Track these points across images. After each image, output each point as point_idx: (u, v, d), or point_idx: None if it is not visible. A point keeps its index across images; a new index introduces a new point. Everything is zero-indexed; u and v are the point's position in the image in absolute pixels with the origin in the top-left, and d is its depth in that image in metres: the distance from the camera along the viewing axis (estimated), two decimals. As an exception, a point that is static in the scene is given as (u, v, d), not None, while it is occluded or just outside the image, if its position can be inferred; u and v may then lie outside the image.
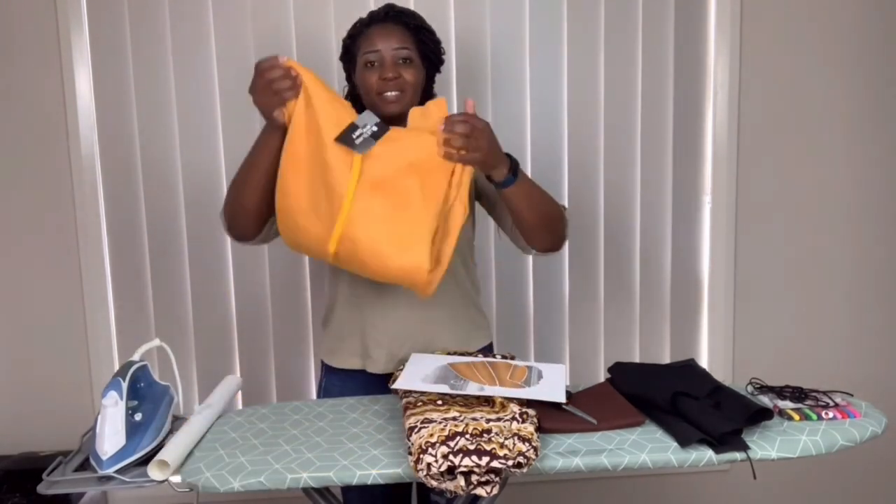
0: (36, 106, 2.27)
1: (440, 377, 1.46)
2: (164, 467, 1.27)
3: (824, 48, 2.43)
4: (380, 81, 1.58)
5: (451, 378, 1.45)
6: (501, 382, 1.44)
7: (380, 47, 1.58)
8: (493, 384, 1.43)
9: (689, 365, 1.57)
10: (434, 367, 1.51)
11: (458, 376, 1.46)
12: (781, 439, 1.31)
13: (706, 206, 2.48)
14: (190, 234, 2.35)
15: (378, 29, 1.61)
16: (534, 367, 1.55)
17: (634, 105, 2.41)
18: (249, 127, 2.30)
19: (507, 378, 1.47)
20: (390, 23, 1.62)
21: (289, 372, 2.41)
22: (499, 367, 1.53)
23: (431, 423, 1.25)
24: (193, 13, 2.27)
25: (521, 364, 1.56)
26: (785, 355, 2.52)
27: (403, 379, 1.45)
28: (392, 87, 1.58)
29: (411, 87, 1.61)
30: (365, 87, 1.61)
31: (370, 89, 1.60)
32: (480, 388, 1.40)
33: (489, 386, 1.41)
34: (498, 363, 1.55)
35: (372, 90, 1.60)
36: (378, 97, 1.59)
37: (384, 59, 1.59)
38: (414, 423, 1.27)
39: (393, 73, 1.58)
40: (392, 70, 1.58)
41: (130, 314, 2.37)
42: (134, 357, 1.42)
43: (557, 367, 1.56)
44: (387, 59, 1.59)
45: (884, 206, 2.52)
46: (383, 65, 1.59)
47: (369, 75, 1.59)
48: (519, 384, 1.44)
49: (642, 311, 2.50)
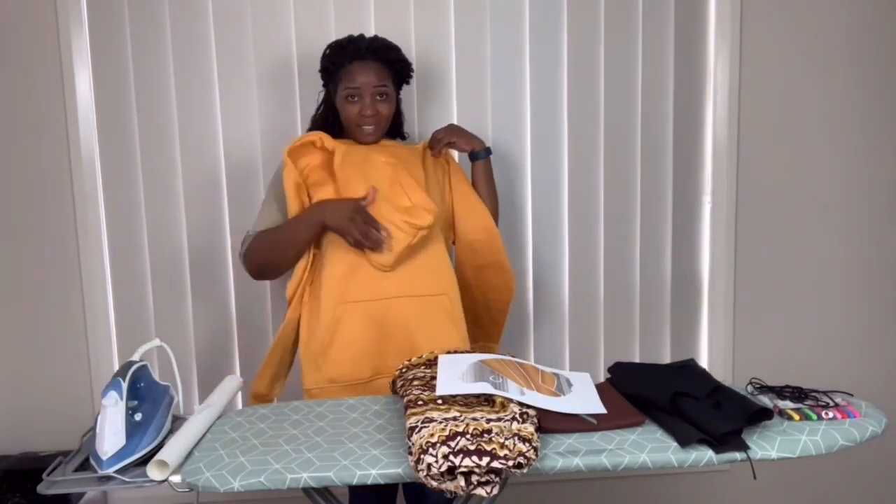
0: (36, 106, 2.27)
1: (478, 375, 1.44)
2: (163, 467, 1.27)
3: (824, 48, 2.43)
4: (359, 116, 1.83)
5: (488, 375, 1.44)
6: (537, 387, 1.44)
7: (359, 84, 1.81)
8: (530, 387, 1.42)
9: (689, 365, 1.57)
10: (467, 366, 1.49)
11: (496, 373, 1.45)
12: (781, 439, 1.31)
13: (706, 206, 2.48)
14: (190, 235, 2.35)
15: (359, 66, 1.81)
16: (559, 374, 1.54)
17: (634, 105, 2.41)
18: (249, 127, 2.32)
19: (541, 383, 1.46)
20: (371, 61, 1.82)
21: (289, 372, 2.41)
22: (528, 369, 1.52)
23: (432, 423, 1.25)
24: (193, 13, 2.27)
25: (547, 370, 1.54)
26: (785, 355, 2.52)
27: (444, 384, 1.41)
28: (370, 121, 1.83)
29: (386, 119, 1.86)
30: (345, 115, 1.85)
31: (350, 119, 1.84)
32: (521, 391, 1.39)
33: (528, 390, 1.40)
34: (526, 364, 1.54)
35: (351, 121, 1.84)
36: (357, 128, 1.84)
37: (363, 95, 1.81)
38: (415, 423, 1.27)
39: (371, 111, 1.82)
40: (371, 107, 1.81)
41: (130, 314, 2.37)
42: (134, 357, 1.42)
43: (583, 376, 1.54)
44: (366, 97, 1.81)
45: (884, 206, 2.52)
46: (362, 99, 1.82)
47: (350, 107, 1.83)
48: (553, 391, 1.43)
49: (642, 311, 2.50)
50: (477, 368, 1.47)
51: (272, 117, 2.32)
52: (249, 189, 2.34)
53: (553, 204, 2.42)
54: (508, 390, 1.38)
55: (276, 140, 2.32)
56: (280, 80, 2.31)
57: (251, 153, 2.33)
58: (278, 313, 2.39)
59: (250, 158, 2.33)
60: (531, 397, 1.37)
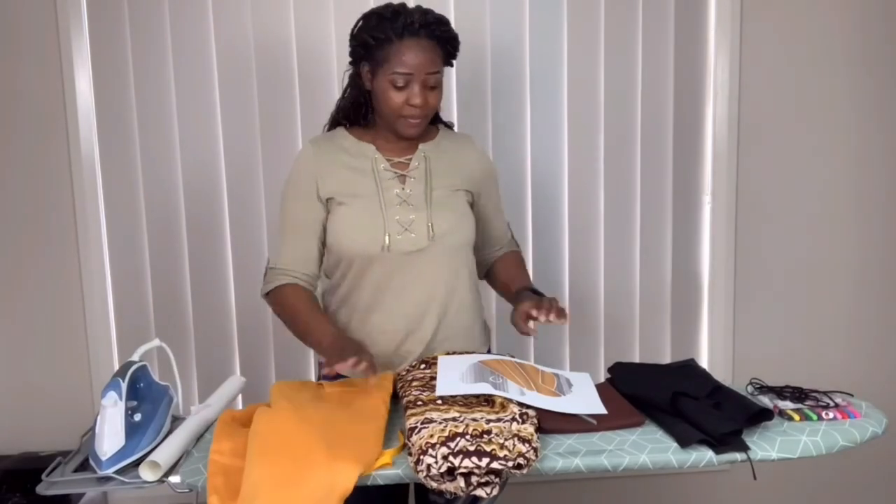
0: (36, 106, 2.27)
1: (478, 376, 1.43)
2: (155, 468, 1.27)
3: (824, 48, 2.43)
4: (408, 106, 1.55)
5: (488, 376, 1.43)
6: (537, 388, 1.43)
7: (412, 70, 1.52)
8: (530, 387, 1.42)
9: (689, 365, 1.57)
10: (467, 367, 1.48)
11: (495, 373, 1.45)
12: (781, 440, 1.31)
13: (706, 205, 2.48)
14: (190, 235, 2.35)
15: (412, 45, 1.51)
16: (559, 374, 1.53)
17: (634, 105, 2.40)
18: (249, 126, 2.31)
19: (541, 383, 1.45)
20: (425, 39, 1.53)
21: (289, 372, 2.41)
22: (528, 369, 1.51)
23: (431, 424, 1.25)
24: (193, 13, 2.27)
25: (547, 370, 1.54)
26: (785, 355, 2.52)
27: (443, 385, 1.40)
28: (418, 113, 1.56)
29: (433, 110, 1.61)
30: (388, 103, 1.55)
31: (394, 108, 1.55)
32: (521, 391, 1.39)
33: (528, 391, 1.40)
34: (526, 364, 1.54)
35: (396, 110, 1.56)
36: (400, 119, 1.57)
37: (414, 82, 1.53)
38: (414, 424, 1.27)
39: (422, 100, 1.54)
40: (421, 96, 1.54)
41: (130, 314, 2.37)
42: (134, 357, 1.42)
43: (583, 377, 1.53)
44: (417, 84, 1.53)
45: (884, 205, 2.52)
46: (411, 89, 1.53)
47: (396, 94, 1.54)
48: (553, 391, 1.43)
49: (642, 311, 2.49)
50: (477, 369, 1.46)
51: (272, 117, 2.32)
52: (249, 189, 2.34)
53: (553, 204, 2.41)
54: (508, 391, 1.38)
55: (277, 139, 2.32)
56: (280, 79, 2.30)
57: (251, 153, 2.33)
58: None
59: (250, 158, 2.33)
60: (531, 398, 1.37)
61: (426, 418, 1.27)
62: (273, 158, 2.31)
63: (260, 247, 2.35)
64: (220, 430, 1.33)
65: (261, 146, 2.32)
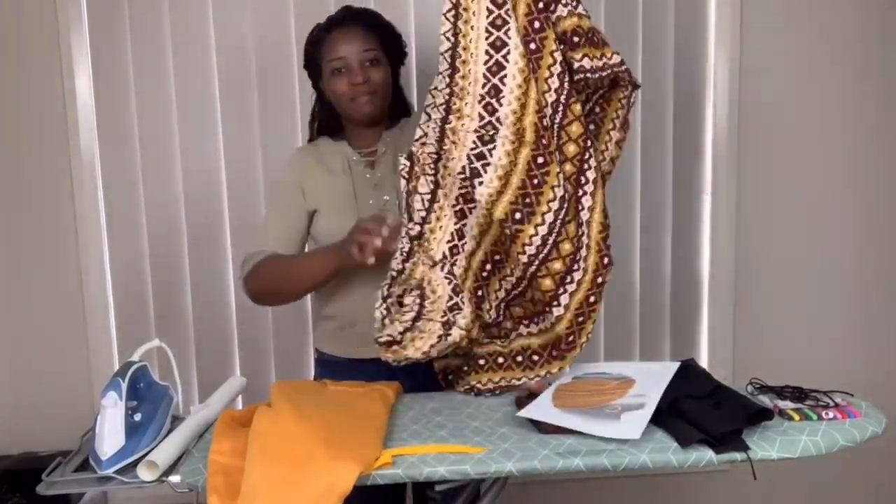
0: (36, 106, 2.27)
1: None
2: (153, 468, 1.27)
3: (824, 48, 2.43)
4: (351, 87, 1.62)
5: None
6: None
7: (344, 53, 1.61)
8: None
9: (689, 365, 1.57)
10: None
11: None
12: (781, 439, 1.31)
13: (706, 204, 2.48)
14: (190, 235, 2.35)
15: (340, 34, 1.62)
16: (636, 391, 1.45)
17: (634, 104, 2.40)
18: (249, 126, 2.31)
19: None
20: (350, 25, 1.63)
21: (289, 372, 2.41)
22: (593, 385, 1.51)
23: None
24: (193, 13, 2.27)
25: (630, 384, 1.49)
26: (785, 355, 2.51)
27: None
28: (363, 90, 1.62)
29: (381, 87, 1.65)
30: (336, 94, 1.65)
31: (342, 96, 1.64)
32: None
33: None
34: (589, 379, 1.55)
35: (344, 97, 1.63)
36: (351, 103, 1.64)
37: (350, 64, 1.61)
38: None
39: (362, 77, 1.61)
40: (360, 74, 1.61)
41: (130, 314, 2.37)
42: (134, 357, 1.42)
43: (662, 375, 1.46)
44: (353, 64, 1.61)
45: (884, 205, 2.52)
46: (350, 70, 1.61)
47: (338, 82, 1.62)
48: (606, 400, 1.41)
49: (642, 310, 2.49)
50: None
51: (272, 116, 2.32)
52: (249, 189, 2.34)
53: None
54: None
55: (276, 139, 2.32)
56: (280, 79, 2.30)
57: (251, 152, 2.33)
58: (279, 313, 2.39)
59: (250, 158, 2.33)
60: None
61: None
62: (273, 158, 2.31)
63: (260, 247, 2.35)
64: (220, 430, 1.33)
65: (261, 145, 2.32)
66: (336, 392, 1.50)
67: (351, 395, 1.47)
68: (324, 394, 1.50)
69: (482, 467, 1.24)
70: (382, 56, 1.65)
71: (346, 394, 1.49)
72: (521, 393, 1.52)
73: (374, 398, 1.45)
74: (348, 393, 1.49)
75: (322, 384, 1.56)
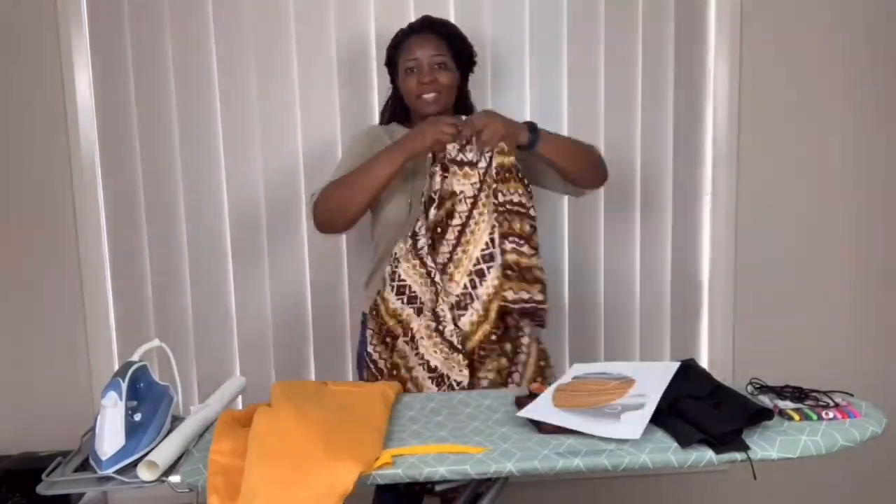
0: (36, 106, 2.27)
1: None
2: (152, 468, 1.27)
3: (824, 48, 2.43)
4: (419, 85, 1.82)
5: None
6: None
7: (417, 55, 1.82)
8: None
9: (689, 365, 1.57)
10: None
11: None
12: (781, 439, 1.31)
13: (706, 205, 2.48)
14: (190, 235, 2.35)
15: (416, 39, 1.84)
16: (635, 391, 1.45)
17: (634, 105, 2.40)
18: (249, 125, 2.31)
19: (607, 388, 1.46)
20: (426, 33, 1.85)
21: (289, 372, 2.41)
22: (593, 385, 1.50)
23: None
24: (194, 14, 2.27)
25: (627, 373, 1.50)
26: (785, 355, 2.52)
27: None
28: (429, 89, 1.81)
29: (446, 88, 1.83)
30: (406, 91, 1.85)
31: (410, 93, 1.84)
32: None
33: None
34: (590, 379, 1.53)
35: (412, 93, 1.83)
36: (417, 99, 1.83)
37: (422, 65, 1.82)
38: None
39: (429, 78, 1.81)
40: (429, 75, 1.81)
41: (130, 314, 2.37)
42: (134, 357, 1.42)
43: (661, 377, 1.45)
44: (424, 66, 1.81)
45: (884, 205, 2.52)
46: (421, 70, 1.82)
47: (409, 80, 1.83)
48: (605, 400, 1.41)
49: (642, 310, 2.49)
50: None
51: (272, 116, 2.32)
52: (249, 188, 2.34)
53: (553, 203, 2.41)
54: None
55: (276, 138, 2.32)
56: (280, 79, 2.30)
57: (251, 152, 2.33)
58: (278, 313, 2.39)
59: (250, 157, 2.33)
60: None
61: None
62: (273, 157, 2.32)
63: (260, 246, 2.35)
64: (220, 430, 1.33)
65: (261, 145, 2.32)
66: (336, 392, 1.50)
67: (351, 395, 1.48)
68: (324, 394, 1.50)
69: (482, 467, 1.24)
70: (451, 62, 1.84)
71: (346, 394, 1.49)
72: (521, 393, 1.52)
73: (374, 398, 1.45)
74: (348, 393, 1.49)
75: (322, 384, 1.57)
